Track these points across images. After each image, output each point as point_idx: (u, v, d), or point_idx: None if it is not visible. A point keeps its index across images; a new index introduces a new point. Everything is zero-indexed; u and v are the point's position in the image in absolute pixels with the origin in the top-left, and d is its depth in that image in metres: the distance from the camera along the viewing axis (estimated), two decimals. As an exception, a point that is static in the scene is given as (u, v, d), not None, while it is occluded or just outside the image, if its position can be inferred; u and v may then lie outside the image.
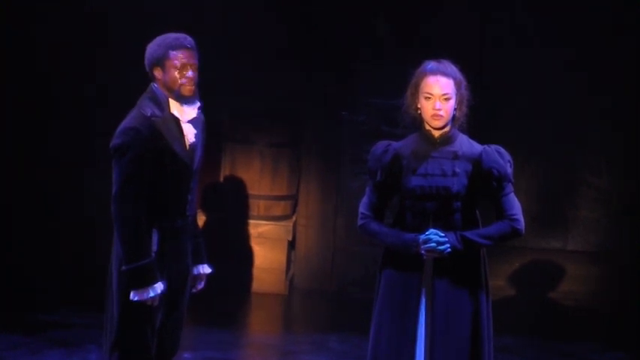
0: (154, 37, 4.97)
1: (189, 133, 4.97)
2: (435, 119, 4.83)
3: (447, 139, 4.89)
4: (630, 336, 7.98)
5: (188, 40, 4.92)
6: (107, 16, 8.63)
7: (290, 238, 8.80)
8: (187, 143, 4.96)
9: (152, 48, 4.94)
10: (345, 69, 8.78)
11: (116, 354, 4.92)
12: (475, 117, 4.98)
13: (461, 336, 4.84)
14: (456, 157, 4.86)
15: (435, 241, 4.78)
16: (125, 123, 4.84)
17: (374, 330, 4.97)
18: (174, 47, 4.88)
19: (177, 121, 4.92)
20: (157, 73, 4.92)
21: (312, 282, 8.94)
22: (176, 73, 4.88)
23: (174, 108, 4.92)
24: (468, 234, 4.82)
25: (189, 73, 4.90)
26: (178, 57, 4.87)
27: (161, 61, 4.89)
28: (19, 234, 8.76)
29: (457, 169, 4.84)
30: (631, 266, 8.76)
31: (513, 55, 8.78)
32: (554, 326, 8.25)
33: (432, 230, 4.80)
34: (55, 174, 8.79)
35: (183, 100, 4.92)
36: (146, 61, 4.95)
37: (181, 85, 4.89)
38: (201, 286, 5.27)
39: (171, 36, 4.93)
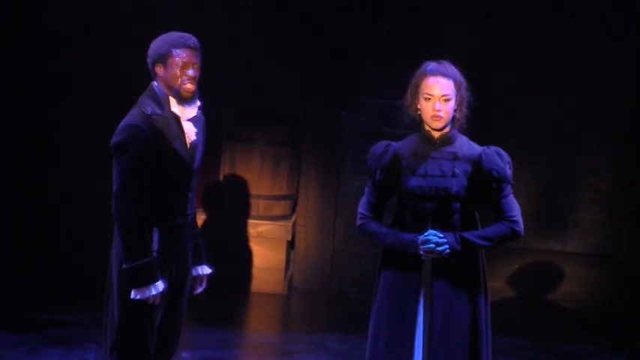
0: (157, 35, 4.98)
1: (190, 132, 4.97)
2: (435, 120, 4.83)
3: (446, 140, 4.89)
4: (629, 338, 7.98)
5: (192, 39, 4.92)
6: (108, 15, 8.64)
7: (289, 238, 8.80)
8: (188, 142, 4.96)
9: (155, 45, 4.95)
10: (345, 69, 8.79)
11: (116, 353, 4.93)
12: (475, 118, 4.98)
13: (459, 337, 4.84)
14: (455, 158, 4.86)
15: (434, 242, 4.78)
16: (125, 121, 4.84)
17: (372, 330, 4.97)
18: (178, 45, 4.89)
19: (177, 119, 4.93)
20: (159, 70, 4.92)
21: (311, 282, 8.94)
22: (177, 71, 4.89)
23: (175, 106, 4.93)
24: (467, 235, 4.82)
25: (191, 72, 4.90)
26: (181, 55, 4.88)
27: (163, 59, 4.90)
28: (19, 233, 8.76)
29: (457, 170, 4.85)
30: (630, 268, 8.76)
31: (514, 56, 8.78)
32: (553, 328, 8.25)
33: (431, 231, 4.81)
34: (55, 173, 8.80)
35: (183, 98, 4.92)
36: (149, 58, 4.96)
37: (182, 83, 4.90)
38: (202, 288, 5.26)
39: (175, 34, 4.94)
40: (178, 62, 4.89)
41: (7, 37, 8.71)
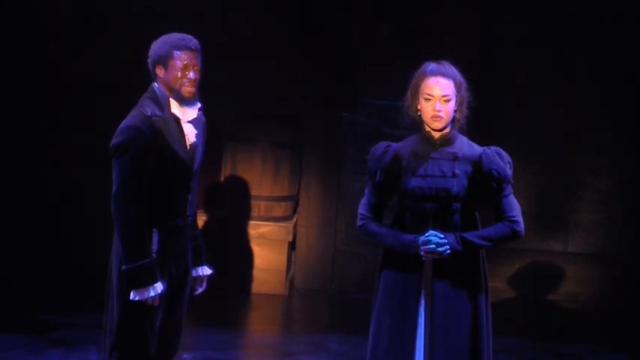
0: (157, 36, 4.98)
1: (190, 134, 4.97)
2: (435, 120, 4.83)
3: (446, 141, 4.89)
4: (630, 338, 7.98)
5: (193, 41, 4.92)
6: (107, 15, 8.64)
7: (290, 239, 8.80)
8: (188, 143, 4.96)
9: (156, 46, 4.95)
10: (346, 70, 8.79)
11: (116, 354, 4.93)
12: (475, 118, 4.98)
13: (460, 337, 4.83)
14: (455, 158, 4.86)
15: (434, 243, 4.77)
16: (125, 122, 4.84)
17: (373, 331, 4.97)
18: (179, 47, 4.89)
19: (177, 121, 4.93)
20: (160, 71, 4.92)
21: (312, 283, 8.94)
22: (178, 73, 4.89)
23: (175, 108, 4.93)
24: (468, 235, 4.81)
25: (191, 74, 4.90)
26: (182, 57, 4.88)
27: (164, 60, 4.90)
28: (18, 233, 8.76)
29: (457, 171, 4.84)
30: (631, 268, 8.76)
31: (514, 56, 8.78)
32: (553, 328, 8.24)
33: (431, 231, 4.80)
34: (55, 173, 8.79)
35: (183, 100, 4.93)
36: (149, 59, 4.96)
37: (182, 85, 4.90)
38: (202, 288, 5.27)
39: (175, 35, 4.94)
40: (179, 64, 4.89)
41: (7, 37, 8.71)
